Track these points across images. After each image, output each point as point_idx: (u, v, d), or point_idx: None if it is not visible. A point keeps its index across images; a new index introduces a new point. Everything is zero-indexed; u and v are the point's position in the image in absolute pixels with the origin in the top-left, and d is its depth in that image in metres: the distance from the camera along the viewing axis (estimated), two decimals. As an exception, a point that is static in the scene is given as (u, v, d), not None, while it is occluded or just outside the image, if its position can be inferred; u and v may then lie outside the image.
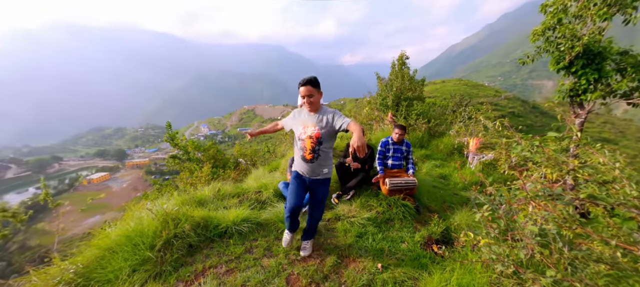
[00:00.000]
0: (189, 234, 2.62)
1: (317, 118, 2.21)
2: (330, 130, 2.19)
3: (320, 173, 2.31)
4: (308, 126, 2.22)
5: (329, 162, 2.33)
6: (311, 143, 2.21)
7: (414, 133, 8.36)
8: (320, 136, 2.18)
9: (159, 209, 2.74)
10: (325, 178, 2.36)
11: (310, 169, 2.29)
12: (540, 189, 1.89)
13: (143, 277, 2.17)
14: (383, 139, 4.10)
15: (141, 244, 2.35)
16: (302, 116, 2.31)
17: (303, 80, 2.15)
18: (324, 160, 2.28)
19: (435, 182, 5.46)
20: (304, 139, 2.23)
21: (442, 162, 6.98)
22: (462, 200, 4.63)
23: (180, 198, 3.34)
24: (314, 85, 2.14)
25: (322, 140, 2.20)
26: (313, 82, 2.14)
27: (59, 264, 2.27)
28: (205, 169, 6.18)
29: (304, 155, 2.26)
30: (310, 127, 2.21)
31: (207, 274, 2.25)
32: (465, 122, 8.44)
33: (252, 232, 2.86)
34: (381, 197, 3.66)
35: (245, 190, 3.98)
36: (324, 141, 2.21)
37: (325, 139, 2.21)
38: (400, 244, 2.86)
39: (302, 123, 2.28)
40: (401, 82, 9.16)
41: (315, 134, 2.18)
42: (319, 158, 2.24)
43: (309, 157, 2.24)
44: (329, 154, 2.31)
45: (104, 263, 2.27)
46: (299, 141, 2.29)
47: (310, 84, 2.12)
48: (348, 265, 2.48)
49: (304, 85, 2.13)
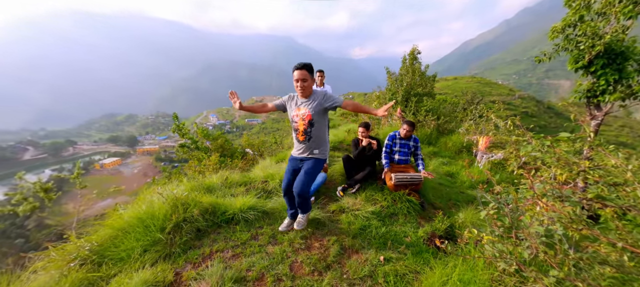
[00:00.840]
0: (198, 218, 2.70)
1: (308, 101, 2.35)
2: (320, 110, 2.34)
3: (312, 152, 2.45)
4: (300, 109, 2.37)
5: (322, 144, 2.47)
6: (303, 125, 2.36)
7: (423, 129, 8.27)
8: (311, 118, 2.33)
9: (169, 193, 2.83)
10: (316, 158, 2.47)
11: (304, 148, 2.45)
12: (549, 190, 1.87)
13: (154, 257, 2.27)
14: (391, 133, 4.08)
15: (152, 226, 2.45)
16: (294, 100, 2.45)
17: (299, 64, 2.25)
18: (316, 141, 2.42)
19: (441, 180, 5.42)
20: (297, 121, 2.39)
21: (450, 160, 6.91)
22: (468, 198, 4.59)
23: (190, 184, 3.43)
24: (309, 70, 2.27)
25: (314, 121, 2.34)
26: (308, 68, 2.27)
27: (75, 242, 2.39)
28: (213, 158, 6.29)
29: (298, 136, 2.43)
30: (302, 109, 2.36)
31: (214, 258, 2.33)
32: (475, 120, 8.28)
33: (258, 220, 2.93)
34: (386, 192, 3.67)
35: (252, 179, 4.05)
36: (315, 123, 2.35)
37: (316, 120, 2.35)
38: (404, 239, 2.88)
39: (295, 106, 2.42)
40: (412, 78, 9.02)
41: (306, 116, 2.33)
42: (311, 139, 2.40)
43: (302, 138, 2.41)
44: (322, 137, 2.45)
45: (117, 242, 2.38)
46: (293, 123, 2.46)
47: (305, 69, 2.24)
48: (350, 256, 2.52)
49: (300, 69, 2.23)
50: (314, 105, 2.32)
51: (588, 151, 4.06)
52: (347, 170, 4.00)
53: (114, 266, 2.23)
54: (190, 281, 2.05)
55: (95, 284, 2.05)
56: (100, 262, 2.26)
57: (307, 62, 2.27)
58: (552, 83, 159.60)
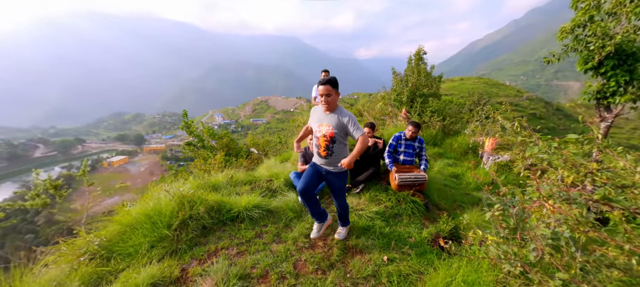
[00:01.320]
0: (203, 216, 2.74)
1: (332, 118, 2.30)
2: (342, 133, 2.31)
3: (336, 166, 2.40)
4: (323, 124, 2.33)
5: (345, 156, 2.41)
6: (325, 141, 2.33)
7: (428, 130, 8.22)
8: (333, 135, 2.30)
9: (176, 191, 2.88)
10: (340, 171, 2.44)
11: (326, 163, 2.42)
12: (556, 192, 1.85)
13: (160, 253, 2.32)
14: (396, 133, 4.07)
15: (159, 223, 2.49)
16: (318, 113, 2.42)
17: (323, 80, 2.25)
18: (338, 155, 2.38)
19: (446, 181, 5.38)
20: (319, 137, 2.36)
21: (455, 162, 6.86)
22: (473, 200, 4.55)
23: (196, 182, 3.48)
24: (333, 85, 2.24)
25: (335, 139, 2.31)
26: (333, 83, 2.24)
27: (85, 237, 2.45)
28: (219, 157, 6.36)
29: (319, 152, 2.41)
30: (325, 126, 2.32)
31: (219, 255, 2.36)
32: (482, 122, 8.20)
33: (263, 219, 2.96)
34: (390, 192, 3.66)
35: (257, 178, 4.09)
36: (337, 140, 2.32)
37: (338, 138, 2.31)
38: (407, 239, 2.87)
39: (318, 120, 2.39)
40: (417, 78, 8.97)
41: (329, 134, 2.30)
42: (333, 154, 2.36)
43: (324, 154, 2.38)
44: (344, 150, 2.42)
45: (126, 238, 2.43)
46: (314, 138, 2.44)
47: (330, 84, 2.22)
48: (354, 256, 2.53)
49: (324, 84, 2.22)
50: (337, 123, 2.28)
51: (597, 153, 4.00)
52: (351, 171, 4.01)
53: (122, 261, 2.28)
54: (195, 277, 2.09)
55: (104, 278, 2.10)
56: (108, 257, 2.31)
57: (331, 77, 2.27)
58: (561, 84, 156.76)
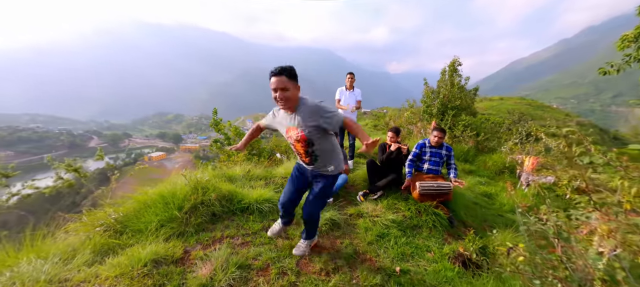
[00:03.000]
0: (214, 203, 2.74)
1: (297, 118, 1.79)
2: (316, 130, 1.80)
3: (325, 170, 2.00)
4: (290, 129, 1.84)
5: (334, 159, 1.99)
6: (301, 147, 1.88)
7: (459, 146, 7.67)
8: (306, 138, 1.81)
9: (192, 177, 2.93)
10: (329, 174, 2.02)
11: (313, 167, 2.01)
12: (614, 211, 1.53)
13: (168, 233, 2.34)
14: (420, 141, 3.81)
15: (171, 204, 2.53)
16: (280, 116, 1.90)
17: (275, 70, 1.67)
18: (326, 158, 1.95)
19: (477, 199, 4.90)
20: (294, 144, 1.90)
21: (488, 181, 6.27)
22: (507, 222, 4.06)
23: (213, 172, 3.54)
24: (289, 76, 1.67)
25: (311, 140, 1.83)
26: (288, 73, 1.66)
27: (105, 210, 2.57)
28: (241, 155, 6.50)
29: (302, 159, 2.00)
30: (293, 130, 1.83)
31: (224, 242, 2.32)
32: (522, 140, 7.46)
33: (272, 213, 2.89)
34: (410, 202, 3.40)
35: (273, 175, 4.06)
36: (314, 141, 1.84)
37: (313, 138, 1.82)
38: (426, 253, 2.60)
39: (282, 125, 1.89)
40: (449, 90, 8.50)
41: (300, 137, 1.81)
42: (318, 158, 1.92)
43: (307, 161, 1.96)
44: (332, 151, 1.96)
45: (139, 215, 2.50)
46: (291, 145, 1.98)
47: (284, 74, 1.65)
48: (364, 262, 2.34)
49: (276, 75, 1.65)
50: (304, 123, 1.78)
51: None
52: (370, 175, 3.81)
53: (133, 236, 2.34)
54: (196, 260, 2.06)
55: (113, 250, 2.15)
56: (121, 231, 2.39)
57: (285, 66, 1.67)
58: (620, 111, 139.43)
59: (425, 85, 9.44)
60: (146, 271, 1.87)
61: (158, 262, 1.98)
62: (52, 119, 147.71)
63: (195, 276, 1.88)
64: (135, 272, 1.84)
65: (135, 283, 1.77)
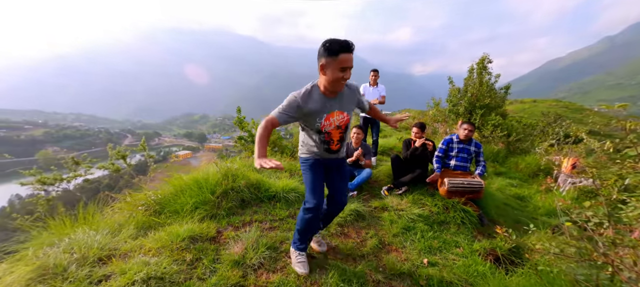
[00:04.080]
0: (243, 190, 2.87)
1: (338, 101, 1.71)
2: (352, 108, 1.83)
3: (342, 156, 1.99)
4: (333, 113, 1.70)
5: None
6: (339, 133, 1.77)
7: (489, 146, 7.31)
8: (349, 121, 1.80)
9: (223, 165, 3.08)
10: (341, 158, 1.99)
11: (334, 156, 1.91)
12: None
13: (202, 214, 2.48)
14: (447, 136, 3.71)
15: (205, 188, 2.68)
16: (314, 101, 1.66)
17: (347, 45, 1.47)
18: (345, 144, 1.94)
19: (508, 201, 4.65)
20: (330, 131, 1.75)
21: (521, 183, 5.91)
22: (542, 225, 3.81)
23: (241, 162, 3.69)
24: None
25: (349, 124, 1.84)
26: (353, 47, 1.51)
27: (146, 192, 2.78)
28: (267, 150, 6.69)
29: (331, 147, 1.81)
30: (337, 115, 1.71)
31: (253, 225, 2.42)
32: (559, 140, 6.96)
33: (298, 202, 2.95)
34: (437, 198, 3.31)
35: (297, 168, 4.14)
36: (350, 125, 1.86)
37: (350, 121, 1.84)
38: (454, 248, 2.53)
39: (320, 111, 1.67)
40: (478, 88, 8.13)
41: (344, 121, 1.75)
42: (344, 143, 1.89)
43: (337, 148, 1.84)
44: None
45: (176, 198, 2.67)
46: (319, 133, 1.75)
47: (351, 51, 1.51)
48: (390, 252, 2.32)
49: (350, 51, 1.49)
50: (346, 104, 1.73)
51: None
52: (395, 171, 3.76)
53: (170, 216, 2.51)
54: (229, 239, 2.16)
55: (153, 227, 2.32)
56: (160, 212, 2.57)
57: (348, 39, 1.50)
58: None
59: (451, 83, 9.11)
60: (184, 246, 2.00)
61: (194, 239, 2.11)
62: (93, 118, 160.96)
63: (229, 253, 1.98)
64: (175, 246, 1.98)
65: (175, 255, 1.90)
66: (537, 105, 32.77)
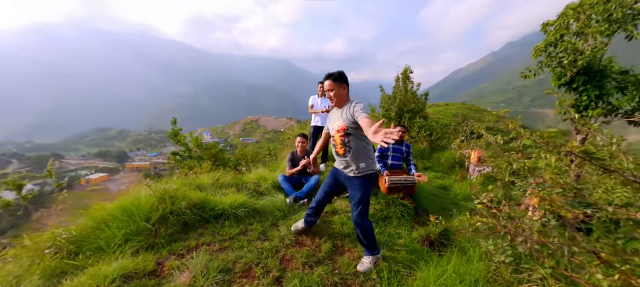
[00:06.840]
0: (185, 212, 2.60)
1: (341, 111, 2.19)
2: (353, 120, 2.06)
3: (357, 167, 2.16)
4: (335, 121, 2.24)
5: (365, 157, 2.17)
6: (340, 137, 2.19)
7: (416, 146, 8.38)
8: (346, 128, 2.13)
9: (158, 187, 2.74)
10: (359, 175, 2.17)
11: (345, 163, 2.22)
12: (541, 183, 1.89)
13: (135, 247, 2.15)
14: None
15: (137, 216, 2.34)
16: (332, 112, 2.38)
17: (326, 75, 2.15)
18: (358, 153, 2.15)
19: (435, 192, 5.41)
20: (334, 135, 2.25)
21: (443, 175, 6.95)
22: (462, 209, 4.57)
23: (180, 181, 3.34)
24: (335, 79, 2.12)
25: (349, 131, 2.12)
26: (334, 77, 2.13)
27: (52, 230, 2.26)
28: (205, 166, 6.17)
29: (337, 151, 2.26)
30: (337, 121, 2.21)
31: (200, 250, 2.21)
32: (467, 137, 8.46)
33: (248, 217, 2.84)
34: (380, 196, 3.63)
35: (244, 181, 3.97)
36: (351, 133, 2.12)
37: (351, 130, 2.11)
38: (397, 240, 2.81)
39: (331, 119, 2.33)
40: (404, 95, 9.28)
41: (341, 127, 2.16)
42: (351, 151, 2.15)
43: (342, 152, 2.21)
44: (364, 148, 2.17)
45: (98, 232, 2.25)
46: (331, 138, 2.33)
47: (331, 78, 2.12)
48: (343, 253, 2.44)
49: (326, 80, 2.14)
50: (346, 115, 2.12)
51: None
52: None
53: (92, 255, 2.09)
54: (172, 270, 1.93)
55: (69, 272, 1.91)
56: (77, 252, 2.12)
57: (333, 72, 2.15)
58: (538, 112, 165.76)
59: (382, 91, 10.15)
60: (115, 287, 1.70)
61: (128, 277, 1.81)
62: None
63: (174, 285, 1.77)
64: (103, 290, 1.67)
65: (105, 300, 1.60)
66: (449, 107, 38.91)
